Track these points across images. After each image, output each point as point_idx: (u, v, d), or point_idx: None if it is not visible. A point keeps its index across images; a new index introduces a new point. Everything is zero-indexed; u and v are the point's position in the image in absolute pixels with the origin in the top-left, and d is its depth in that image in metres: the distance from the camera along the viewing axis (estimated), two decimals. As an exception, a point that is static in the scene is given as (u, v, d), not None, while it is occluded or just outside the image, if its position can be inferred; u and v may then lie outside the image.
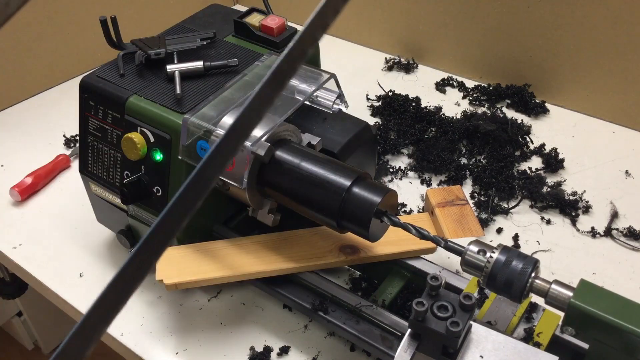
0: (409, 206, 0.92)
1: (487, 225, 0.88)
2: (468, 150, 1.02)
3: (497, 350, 0.54)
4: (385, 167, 0.99)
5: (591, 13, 1.02)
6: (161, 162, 0.73)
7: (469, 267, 0.59)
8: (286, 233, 0.76)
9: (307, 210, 0.68)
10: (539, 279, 0.56)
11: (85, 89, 0.78)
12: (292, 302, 0.73)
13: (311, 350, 0.72)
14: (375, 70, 1.25)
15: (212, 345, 0.74)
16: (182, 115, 0.71)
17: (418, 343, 0.55)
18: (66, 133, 1.12)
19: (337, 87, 0.78)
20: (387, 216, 0.63)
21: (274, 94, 0.25)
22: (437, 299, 0.54)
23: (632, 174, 0.97)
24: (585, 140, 1.05)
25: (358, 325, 0.69)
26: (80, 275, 0.84)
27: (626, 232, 0.86)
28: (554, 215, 0.90)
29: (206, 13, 0.91)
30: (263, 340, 0.74)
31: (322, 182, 0.65)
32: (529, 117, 1.10)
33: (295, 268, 0.72)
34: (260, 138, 0.67)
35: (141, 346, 0.74)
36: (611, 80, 1.05)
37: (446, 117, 1.08)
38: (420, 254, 0.75)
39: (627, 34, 1.00)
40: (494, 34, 1.15)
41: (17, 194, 0.96)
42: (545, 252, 0.84)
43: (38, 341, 1.62)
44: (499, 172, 0.95)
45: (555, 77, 1.12)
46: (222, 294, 0.80)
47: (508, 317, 0.66)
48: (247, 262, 0.72)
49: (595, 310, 0.52)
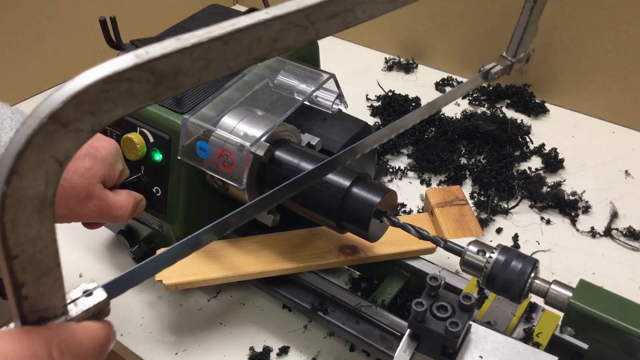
0: (409, 206, 0.92)
1: (486, 226, 0.88)
2: (468, 150, 1.02)
3: (497, 350, 0.54)
4: (385, 167, 0.99)
5: (591, 13, 1.01)
6: (161, 163, 0.73)
7: (468, 267, 0.59)
8: (286, 233, 0.76)
9: (307, 211, 0.68)
10: (538, 279, 0.56)
11: (85, 89, 0.77)
12: (291, 302, 0.73)
13: (311, 350, 0.72)
14: (375, 70, 1.25)
15: (212, 345, 0.74)
16: (181, 115, 0.71)
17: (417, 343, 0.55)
18: (66, 133, 1.12)
19: (337, 87, 0.78)
20: (386, 216, 0.63)
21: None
22: (436, 299, 0.54)
23: (632, 174, 0.97)
24: (585, 140, 1.05)
25: (357, 325, 0.69)
26: (80, 276, 0.84)
27: (626, 232, 0.86)
28: (554, 215, 0.90)
29: (206, 13, 0.91)
30: (263, 341, 0.74)
31: (322, 182, 0.65)
32: (528, 117, 1.10)
33: (295, 268, 0.72)
34: (259, 138, 0.67)
35: (141, 346, 0.74)
36: (611, 80, 1.05)
37: (446, 117, 1.08)
38: (419, 254, 0.75)
39: (627, 34, 1.00)
40: (494, 34, 1.15)
41: (17, 194, 0.96)
42: (545, 252, 0.84)
43: (38, 341, 1.62)
44: (498, 172, 0.95)
45: (555, 77, 1.12)
46: (221, 294, 0.80)
47: (507, 317, 0.66)
48: (247, 262, 0.72)
49: (595, 311, 0.52)
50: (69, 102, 0.24)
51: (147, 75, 0.26)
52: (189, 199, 0.73)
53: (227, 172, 0.69)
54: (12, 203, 0.25)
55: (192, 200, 0.74)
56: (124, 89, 0.26)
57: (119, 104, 0.26)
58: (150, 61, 0.26)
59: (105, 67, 0.25)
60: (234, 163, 0.68)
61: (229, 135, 0.68)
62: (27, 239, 0.27)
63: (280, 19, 0.29)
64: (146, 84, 0.26)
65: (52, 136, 0.25)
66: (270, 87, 0.77)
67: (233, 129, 0.69)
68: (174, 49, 0.26)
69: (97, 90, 0.25)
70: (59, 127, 0.25)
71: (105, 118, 0.26)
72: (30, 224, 0.26)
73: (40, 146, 0.25)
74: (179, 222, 0.74)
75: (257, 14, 0.29)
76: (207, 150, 0.69)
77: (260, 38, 0.29)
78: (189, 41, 0.27)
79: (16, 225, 0.26)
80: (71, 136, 0.25)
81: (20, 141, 0.24)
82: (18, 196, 0.25)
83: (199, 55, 0.27)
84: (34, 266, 0.28)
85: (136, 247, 0.78)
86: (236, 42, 0.28)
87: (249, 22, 0.28)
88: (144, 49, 0.25)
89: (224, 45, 0.28)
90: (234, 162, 0.68)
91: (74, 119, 0.25)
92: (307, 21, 0.31)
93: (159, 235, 0.78)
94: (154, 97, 0.27)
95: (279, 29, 0.30)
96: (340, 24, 0.33)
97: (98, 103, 0.25)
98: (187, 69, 0.27)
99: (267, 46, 0.30)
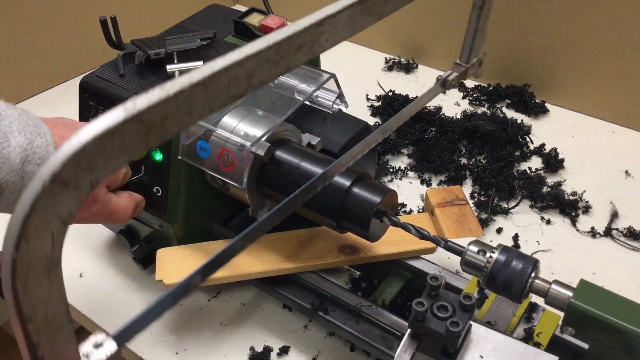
0: (409, 206, 0.92)
1: (487, 225, 0.88)
2: (468, 150, 1.02)
3: (497, 350, 0.54)
4: (385, 167, 0.99)
5: (591, 13, 1.02)
6: (161, 162, 0.73)
7: (468, 267, 0.59)
8: (286, 233, 0.76)
9: (307, 211, 0.68)
10: (538, 279, 0.56)
11: (85, 89, 0.78)
12: (292, 302, 0.73)
13: (311, 350, 0.72)
14: (375, 70, 1.25)
15: (212, 345, 0.74)
16: (182, 115, 0.71)
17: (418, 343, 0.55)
18: (66, 133, 1.12)
19: (337, 87, 0.78)
20: (387, 216, 0.63)
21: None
22: (437, 299, 0.54)
23: (632, 174, 0.97)
24: (585, 140, 1.05)
25: (358, 325, 0.69)
26: (80, 275, 0.84)
27: (626, 232, 0.86)
28: (554, 215, 0.90)
29: (206, 13, 0.91)
30: (263, 341, 0.74)
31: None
32: (529, 117, 1.10)
33: (295, 268, 0.72)
34: (260, 138, 0.67)
35: (141, 346, 0.74)
36: (611, 80, 1.05)
37: (446, 117, 1.08)
38: (420, 254, 0.75)
39: (627, 34, 1.00)
40: (494, 34, 1.15)
41: (17, 194, 0.96)
42: (545, 252, 0.84)
43: (38, 341, 1.62)
44: (499, 172, 0.95)
45: (555, 77, 1.12)
46: (222, 294, 0.80)
47: (508, 317, 0.66)
48: (247, 262, 0.72)
49: (595, 310, 0.52)
50: (67, 163, 0.25)
51: (137, 126, 0.27)
52: (189, 199, 0.73)
53: (228, 172, 0.69)
54: (22, 267, 0.26)
55: (193, 200, 0.74)
56: (117, 143, 0.27)
57: (113, 157, 0.27)
58: (139, 113, 0.27)
59: (97, 124, 0.26)
60: (235, 163, 0.68)
61: (229, 135, 0.68)
62: (39, 300, 0.27)
63: (253, 57, 0.32)
64: (137, 135, 0.27)
65: (55, 197, 0.26)
66: (270, 87, 0.78)
67: (233, 128, 0.69)
68: (159, 99, 0.27)
69: (92, 147, 0.26)
70: (61, 188, 0.26)
71: (102, 173, 0.27)
72: (41, 284, 0.27)
73: (44, 208, 0.25)
74: (179, 222, 0.74)
75: (231, 55, 0.31)
76: (207, 150, 0.69)
77: (236, 77, 0.31)
78: (172, 89, 0.28)
79: (28, 288, 0.26)
80: (72, 194, 0.26)
81: (25, 206, 0.25)
82: (27, 260, 0.26)
83: (182, 102, 0.29)
84: (47, 326, 0.28)
85: (136, 247, 0.78)
86: (215, 85, 0.30)
87: (225, 64, 0.30)
88: (131, 102, 0.27)
89: (205, 89, 0.30)
90: (235, 162, 0.68)
91: (73, 177, 0.26)
92: (277, 56, 0.34)
93: (159, 235, 0.78)
94: (145, 145, 0.28)
95: (252, 66, 0.32)
96: (307, 54, 0.36)
97: (94, 159, 0.26)
98: (173, 116, 0.29)
99: (244, 84, 0.32)
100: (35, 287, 0.27)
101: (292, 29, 0.34)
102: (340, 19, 0.38)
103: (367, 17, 0.41)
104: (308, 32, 0.35)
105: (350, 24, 0.39)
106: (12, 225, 0.25)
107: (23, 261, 0.26)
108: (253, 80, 0.33)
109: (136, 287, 0.81)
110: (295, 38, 0.34)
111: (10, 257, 0.25)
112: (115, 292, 0.80)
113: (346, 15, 0.39)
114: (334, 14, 0.37)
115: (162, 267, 0.72)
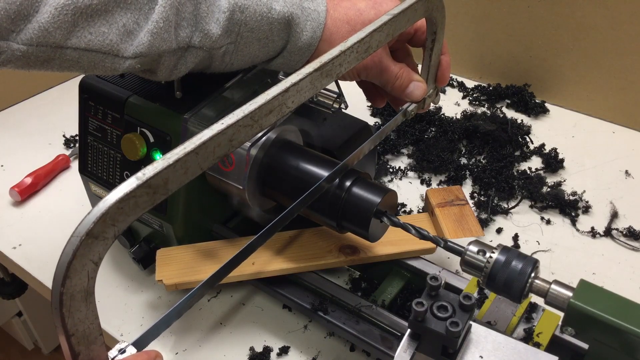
0: (409, 206, 0.92)
1: (487, 225, 0.88)
2: (468, 150, 1.02)
3: (497, 350, 0.54)
4: (385, 167, 0.99)
5: (591, 13, 1.02)
6: (161, 162, 0.72)
7: (468, 267, 0.59)
8: (286, 233, 0.76)
9: (307, 211, 0.68)
10: (538, 279, 0.56)
11: (85, 89, 0.78)
12: (292, 302, 0.73)
13: (311, 350, 0.72)
14: (375, 70, 1.25)
15: (212, 345, 0.74)
16: (181, 115, 0.71)
17: (418, 343, 0.55)
18: (66, 133, 1.12)
19: (337, 87, 0.78)
20: (386, 216, 0.63)
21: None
22: (436, 299, 0.54)
23: (632, 174, 0.97)
24: (585, 140, 1.05)
25: (358, 325, 0.69)
26: (80, 276, 0.84)
27: (626, 232, 0.86)
28: (554, 215, 0.90)
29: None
30: (263, 341, 0.74)
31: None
32: (528, 117, 1.11)
33: (295, 268, 0.72)
34: (260, 138, 0.67)
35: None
36: (611, 80, 1.05)
37: (446, 117, 1.08)
38: (420, 254, 0.75)
39: (627, 34, 1.00)
40: (494, 34, 1.15)
41: (17, 194, 0.96)
42: (545, 252, 0.84)
43: (38, 341, 1.62)
44: (498, 172, 0.95)
45: (555, 77, 1.12)
46: (222, 294, 0.80)
47: (508, 317, 0.66)
48: (247, 262, 0.72)
49: (595, 311, 0.52)
50: (97, 221, 0.35)
51: (146, 190, 0.37)
52: (189, 199, 0.73)
53: (228, 172, 0.69)
54: (67, 298, 0.36)
55: (192, 200, 0.74)
56: (132, 203, 0.36)
57: (130, 214, 0.36)
58: (147, 180, 0.36)
59: (118, 191, 0.36)
60: (234, 163, 0.68)
61: (229, 135, 0.68)
62: (79, 320, 0.37)
63: (232, 125, 0.41)
64: (146, 196, 0.37)
65: (89, 247, 0.35)
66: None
67: (233, 129, 0.69)
68: (162, 167, 0.37)
69: (114, 209, 0.35)
70: (93, 240, 0.35)
71: (122, 226, 0.37)
72: (80, 309, 0.37)
73: (82, 255, 0.35)
74: (179, 222, 0.74)
75: (215, 126, 0.40)
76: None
77: (220, 142, 0.41)
78: (172, 159, 0.38)
79: (71, 313, 0.37)
80: (101, 244, 0.36)
81: (68, 255, 0.35)
82: (70, 293, 0.36)
83: (179, 167, 0.38)
84: (85, 339, 0.38)
85: (136, 247, 0.78)
86: (204, 151, 0.40)
87: (211, 134, 0.40)
88: (141, 172, 0.37)
89: (196, 155, 0.39)
90: (234, 162, 0.68)
91: (102, 231, 0.35)
92: (252, 121, 0.43)
93: (159, 235, 0.78)
94: (152, 202, 0.38)
95: (232, 132, 0.41)
96: (277, 115, 0.45)
97: (116, 217, 0.36)
98: (173, 178, 0.38)
99: (226, 146, 0.41)
100: (76, 311, 0.37)
101: (262, 99, 0.43)
102: (303, 85, 0.46)
103: (325, 79, 0.49)
104: (276, 100, 0.44)
105: (312, 86, 0.47)
106: (59, 268, 0.35)
107: (67, 293, 0.36)
108: (233, 142, 0.42)
109: (136, 287, 0.81)
110: (266, 106, 0.43)
111: (58, 291, 0.35)
112: (115, 292, 0.80)
113: (308, 80, 0.47)
114: (297, 82, 0.45)
115: (162, 267, 0.72)
